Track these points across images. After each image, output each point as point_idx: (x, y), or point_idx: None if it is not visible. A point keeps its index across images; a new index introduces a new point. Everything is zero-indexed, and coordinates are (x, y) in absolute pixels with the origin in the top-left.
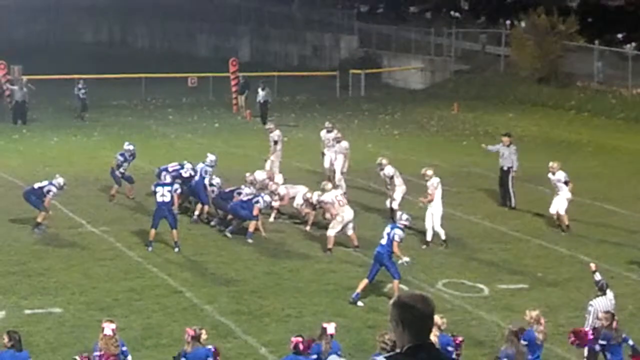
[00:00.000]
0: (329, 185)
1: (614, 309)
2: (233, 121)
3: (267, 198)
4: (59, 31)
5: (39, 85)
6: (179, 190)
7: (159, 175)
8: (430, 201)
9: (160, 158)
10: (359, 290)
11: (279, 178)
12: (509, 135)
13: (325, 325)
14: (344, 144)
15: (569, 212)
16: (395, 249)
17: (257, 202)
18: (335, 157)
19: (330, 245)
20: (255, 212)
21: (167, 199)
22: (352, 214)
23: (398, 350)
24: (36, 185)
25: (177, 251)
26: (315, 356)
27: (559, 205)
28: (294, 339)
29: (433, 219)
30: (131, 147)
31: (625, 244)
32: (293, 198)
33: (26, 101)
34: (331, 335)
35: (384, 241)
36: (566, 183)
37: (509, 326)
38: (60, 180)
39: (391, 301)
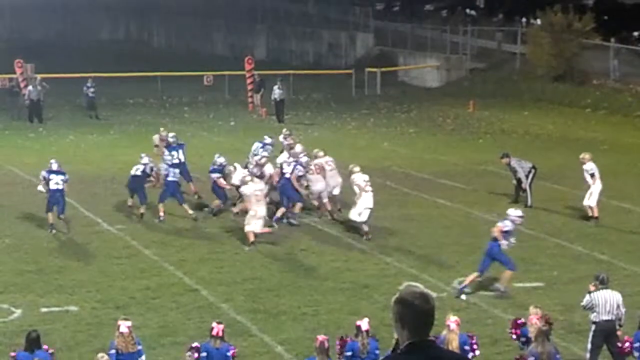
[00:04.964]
0: (248, 178)
1: (618, 306)
2: (249, 119)
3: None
4: (76, 29)
5: (56, 83)
6: (155, 169)
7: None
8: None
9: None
10: (467, 282)
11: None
12: (504, 156)
13: (358, 322)
14: (298, 148)
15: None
16: (497, 233)
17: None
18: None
19: (251, 239)
20: (293, 180)
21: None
22: (265, 211)
23: (398, 350)
24: None
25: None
26: (350, 353)
27: (591, 199)
28: (320, 337)
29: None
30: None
31: None
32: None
33: (41, 99)
34: (366, 332)
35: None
36: (592, 175)
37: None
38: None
39: (393, 298)
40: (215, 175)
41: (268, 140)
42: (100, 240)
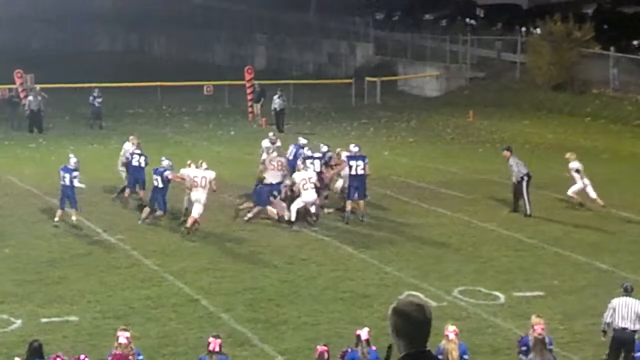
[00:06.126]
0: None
1: (637, 316)
2: (249, 129)
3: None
4: (75, 40)
5: (56, 93)
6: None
7: None
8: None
9: (176, 165)
10: None
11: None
12: (506, 149)
13: (358, 332)
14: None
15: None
16: None
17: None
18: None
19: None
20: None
21: (67, 182)
22: (199, 197)
23: None
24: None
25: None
26: None
27: (576, 189)
28: (319, 348)
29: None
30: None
31: None
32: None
33: (41, 109)
34: (366, 341)
35: None
36: (577, 171)
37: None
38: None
39: (389, 308)
40: (167, 173)
41: (303, 141)
42: (101, 251)
